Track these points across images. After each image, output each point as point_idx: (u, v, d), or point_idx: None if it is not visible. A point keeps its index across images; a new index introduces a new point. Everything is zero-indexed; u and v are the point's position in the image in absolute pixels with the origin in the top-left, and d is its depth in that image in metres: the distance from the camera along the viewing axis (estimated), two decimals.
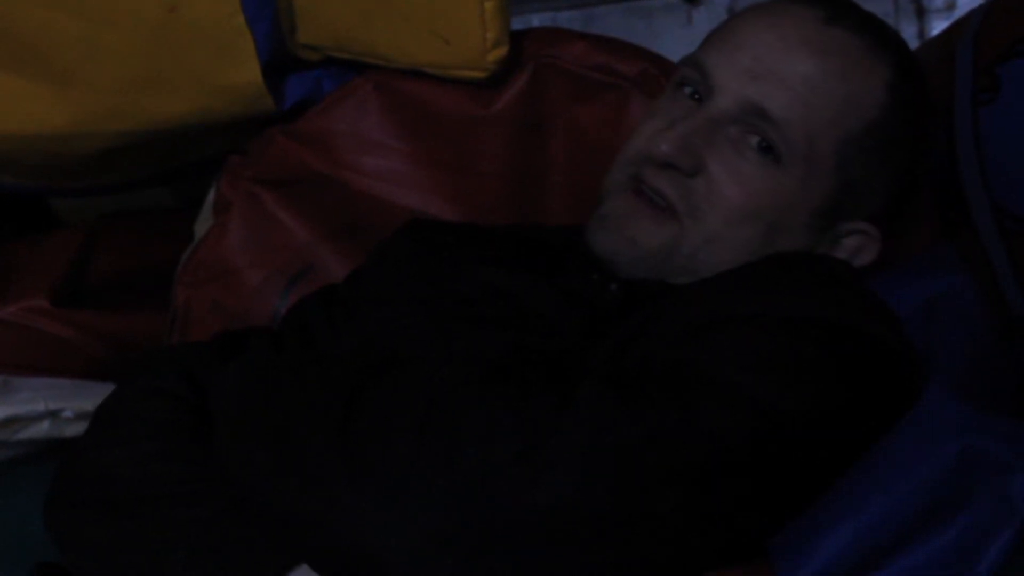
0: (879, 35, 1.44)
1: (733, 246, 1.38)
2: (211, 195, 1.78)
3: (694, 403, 1.18)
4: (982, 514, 1.16)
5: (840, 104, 1.39)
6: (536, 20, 2.40)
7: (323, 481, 1.17)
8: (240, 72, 1.66)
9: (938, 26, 2.27)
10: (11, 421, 1.69)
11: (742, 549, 1.21)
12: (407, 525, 1.13)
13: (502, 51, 1.64)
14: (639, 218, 1.40)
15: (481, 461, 1.13)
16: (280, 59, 1.69)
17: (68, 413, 1.71)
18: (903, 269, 1.47)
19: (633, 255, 1.39)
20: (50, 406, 1.70)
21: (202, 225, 1.77)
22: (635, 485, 1.15)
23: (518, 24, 1.70)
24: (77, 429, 1.70)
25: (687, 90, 1.43)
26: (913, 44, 2.25)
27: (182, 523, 1.25)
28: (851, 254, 1.43)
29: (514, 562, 1.14)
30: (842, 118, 1.39)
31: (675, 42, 2.14)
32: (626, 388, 1.18)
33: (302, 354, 1.41)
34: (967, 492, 1.17)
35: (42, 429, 1.70)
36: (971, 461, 1.18)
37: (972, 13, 1.65)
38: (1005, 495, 1.15)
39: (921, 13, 2.31)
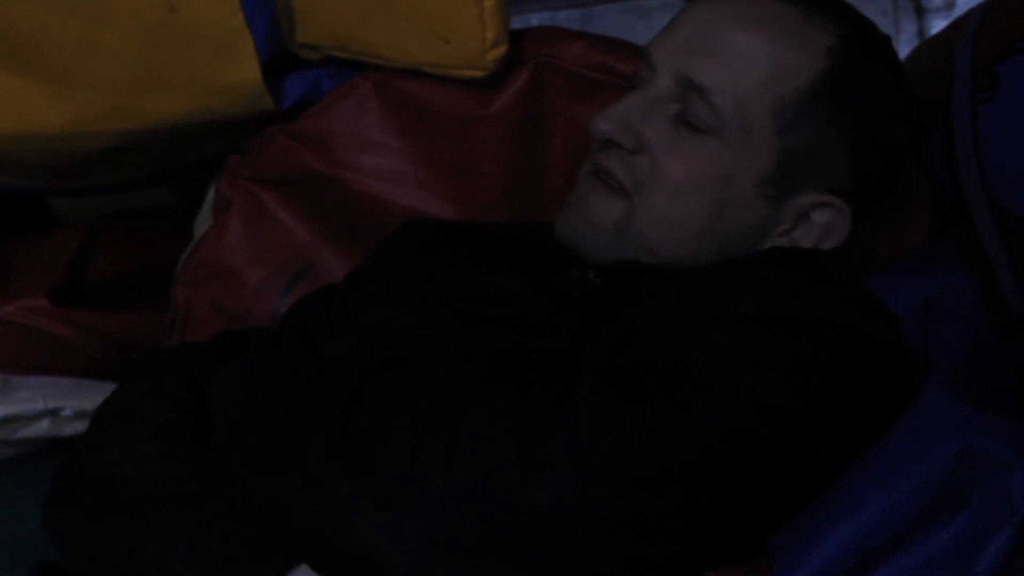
0: (818, 5, 1.44)
1: (682, 221, 1.40)
2: (211, 195, 1.78)
3: (693, 403, 1.18)
4: (981, 514, 1.15)
5: (770, 69, 1.40)
6: (535, 19, 2.40)
7: (323, 480, 1.18)
8: (239, 71, 1.66)
9: (937, 24, 2.27)
10: (10, 420, 1.69)
11: (741, 548, 1.21)
12: (406, 525, 1.14)
13: (501, 50, 1.64)
14: (592, 196, 1.43)
15: (480, 461, 1.14)
16: (279, 58, 1.69)
17: (68, 412, 1.71)
18: (901, 268, 1.47)
19: (588, 234, 1.42)
20: (49, 405, 1.70)
21: (202, 225, 1.77)
22: (634, 485, 1.15)
23: (517, 23, 1.70)
24: (76, 428, 1.70)
25: (640, 80, 1.46)
26: (912, 43, 2.27)
27: (182, 523, 1.25)
28: (823, 230, 1.42)
29: (513, 562, 1.14)
30: (773, 82, 1.39)
31: None
32: (624, 388, 1.19)
33: (302, 354, 1.41)
34: (966, 492, 1.17)
35: (41, 428, 1.70)
36: (970, 460, 1.18)
37: (971, 12, 1.65)
38: (1004, 495, 1.14)
39: (920, 12, 2.31)
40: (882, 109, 1.44)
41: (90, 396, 1.69)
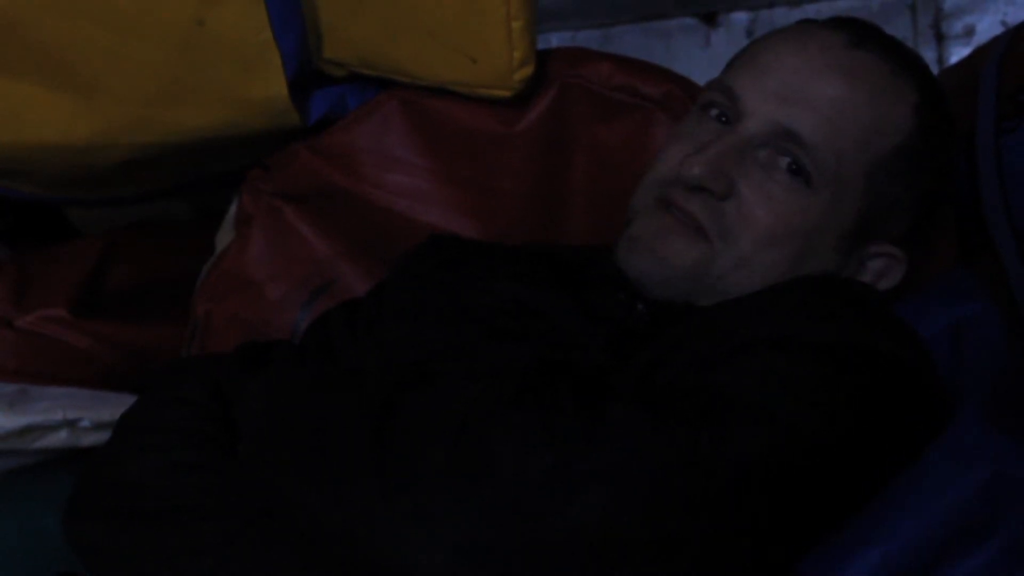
0: (904, 58, 1.45)
1: (763, 268, 1.39)
2: (233, 208, 1.78)
3: (726, 426, 1.18)
4: (1013, 539, 1.16)
5: (868, 127, 1.40)
6: (555, 39, 2.40)
7: (356, 494, 1.17)
8: (266, 86, 1.66)
9: (957, 51, 2.28)
10: (29, 430, 1.70)
11: (770, 572, 1.22)
12: (439, 540, 1.13)
13: (528, 70, 1.64)
14: (671, 237, 1.40)
15: (514, 477, 1.14)
16: (306, 74, 1.69)
17: (85, 423, 1.71)
18: (927, 294, 1.47)
19: (664, 275, 1.40)
20: (68, 415, 1.71)
21: (224, 238, 1.77)
22: (666, 505, 1.15)
23: (538, 43, 1.68)
24: (94, 439, 1.70)
25: (714, 113, 1.44)
26: (932, 69, 2.27)
27: (208, 534, 1.25)
28: (876, 276, 1.44)
29: None
30: (871, 141, 1.40)
31: (693, 63, 2.15)
32: (658, 409, 1.19)
33: (329, 368, 1.41)
34: (997, 517, 1.18)
35: (60, 438, 1.71)
36: (1002, 486, 1.19)
37: (996, 40, 1.66)
38: None
39: (940, 38, 2.31)
40: (949, 163, 1.47)
41: (109, 407, 1.70)
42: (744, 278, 1.39)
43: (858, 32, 1.44)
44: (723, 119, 1.43)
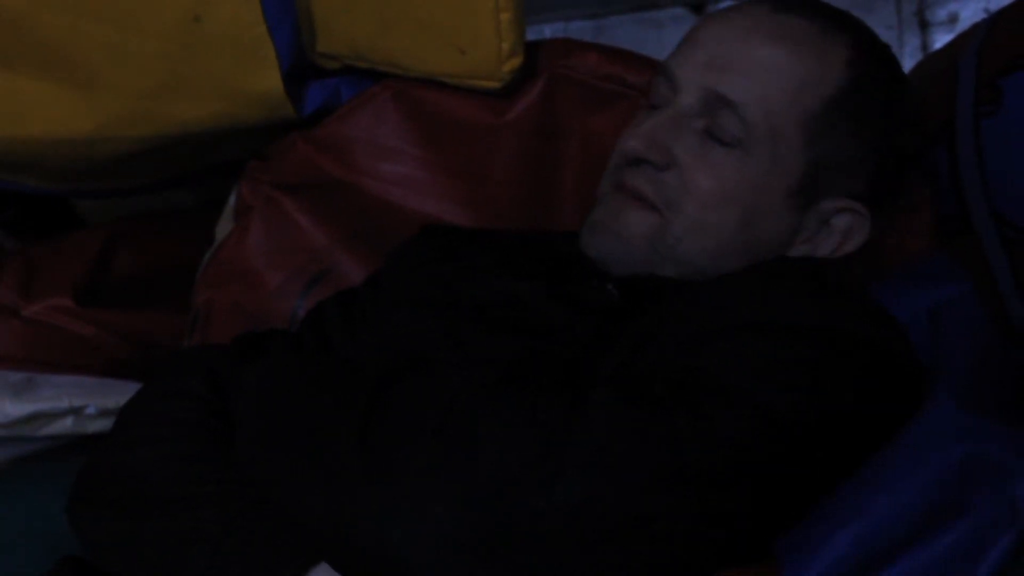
0: (832, 19, 1.48)
1: (713, 232, 1.42)
2: (232, 199, 1.80)
3: (704, 409, 1.21)
4: (984, 518, 1.18)
5: (797, 83, 1.43)
6: (548, 30, 2.40)
7: (343, 484, 1.20)
8: (262, 80, 1.68)
9: (941, 38, 2.29)
10: (35, 417, 1.73)
11: (749, 550, 1.24)
12: (425, 526, 1.16)
13: (517, 61, 1.66)
14: (623, 212, 1.44)
15: (498, 465, 1.17)
16: (300, 67, 1.71)
17: (91, 410, 1.73)
18: (905, 277, 1.49)
19: (620, 250, 1.44)
20: (73, 403, 1.73)
21: (223, 228, 1.80)
22: (647, 488, 1.18)
23: (530, 34, 1.71)
24: (100, 426, 1.73)
25: (656, 100, 1.48)
26: (916, 56, 2.29)
27: (205, 523, 1.26)
28: (843, 236, 1.46)
29: (530, 563, 1.17)
30: (801, 96, 1.43)
31: None
32: (638, 394, 1.22)
33: (322, 357, 1.43)
34: (970, 496, 1.19)
35: (65, 425, 1.73)
36: (974, 466, 1.21)
37: (976, 26, 1.67)
38: (1007, 500, 1.17)
39: (924, 25, 2.32)
40: (896, 117, 1.48)
41: (113, 395, 1.73)
42: (696, 243, 1.43)
43: (783, 1, 1.47)
44: (664, 100, 1.47)
